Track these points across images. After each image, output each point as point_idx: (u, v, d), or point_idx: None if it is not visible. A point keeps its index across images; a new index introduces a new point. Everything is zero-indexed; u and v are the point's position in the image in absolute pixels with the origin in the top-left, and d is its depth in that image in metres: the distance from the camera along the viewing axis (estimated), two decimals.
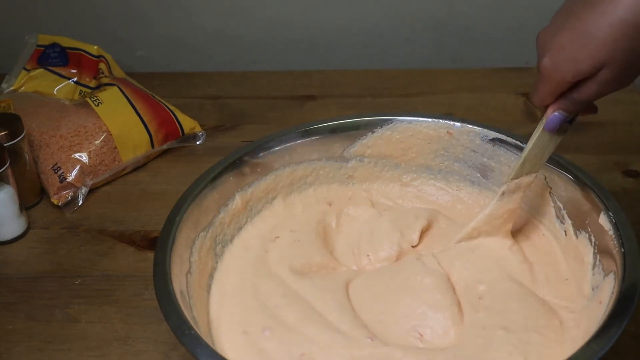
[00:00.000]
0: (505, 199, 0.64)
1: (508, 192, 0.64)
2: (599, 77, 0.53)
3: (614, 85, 0.54)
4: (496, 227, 0.66)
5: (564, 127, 0.59)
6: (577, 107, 0.57)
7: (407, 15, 1.10)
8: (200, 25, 1.13)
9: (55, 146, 0.86)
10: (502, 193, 0.64)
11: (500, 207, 0.65)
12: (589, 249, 0.61)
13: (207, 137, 0.96)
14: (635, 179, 0.84)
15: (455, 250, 0.66)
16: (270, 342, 0.58)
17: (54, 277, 0.75)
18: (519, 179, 0.63)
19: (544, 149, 0.62)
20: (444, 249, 0.67)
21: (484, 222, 0.65)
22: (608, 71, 0.52)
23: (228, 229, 0.69)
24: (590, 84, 0.54)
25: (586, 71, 0.53)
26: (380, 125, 0.73)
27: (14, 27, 1.13)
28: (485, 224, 0.65)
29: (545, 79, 0.55)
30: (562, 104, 0.57)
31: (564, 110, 0.57)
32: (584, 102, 0.56)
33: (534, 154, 0.62)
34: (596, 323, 0.52)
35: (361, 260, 0.68)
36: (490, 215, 0.65)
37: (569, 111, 0.58)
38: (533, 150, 0.62)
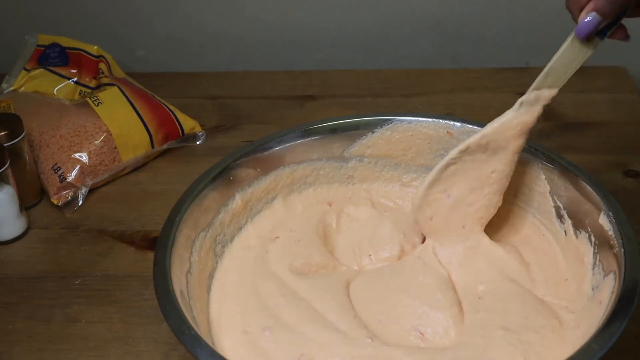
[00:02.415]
0: (522, 109, 0.62)
1: (527, 103, 0.61)
2: None
3: None
4: (506, 140, 0.63)
5: (595, 40, 0.57)
6: (611, 10, 0.54)
7: (407, 15, 1.10)
8: (200, 25, 1.13)
9: (55, 146, 0.86)
10: (520, 103, 0.62)
11: (516, 117, 0.62)
12: (589, 249, 0.61)
13: (207, 137, 0.96)
14: (635, 179, 0.84)
15: (455, 250, 0.66)
16: (270, 342, 0.58)
17: (54, 277, 0.75)
18: (540, 90, 0.61)
19: (571, 61, 0.59)
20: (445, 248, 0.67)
21: (496, 130, 0.62)
22: None
23: (228, 229, 0.69)
24: None
25: None
26: (380, 125, 0.73)
27: (14, 27, 1.13)
28: (496, 133, 0.62)
29: None
30: (597, 3, 0.54)
31: (599, 11, 0.54)
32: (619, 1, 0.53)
33: (560, 65, 0.60)
34: (596, 323, 0.52)
35: (362, 260, 0.68)
36: (504, 125, 0.62)
37: (603, 13, 0.54)
38: (560, 60, 0.59)
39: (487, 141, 0.63)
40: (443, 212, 0.66)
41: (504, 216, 0.71)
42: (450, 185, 0.65)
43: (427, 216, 0.66)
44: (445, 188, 0.65)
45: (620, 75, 1.04)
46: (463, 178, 0.64)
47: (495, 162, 0.64)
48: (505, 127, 0.62)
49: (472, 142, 0.63)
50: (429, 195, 0.65)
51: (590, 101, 0.99)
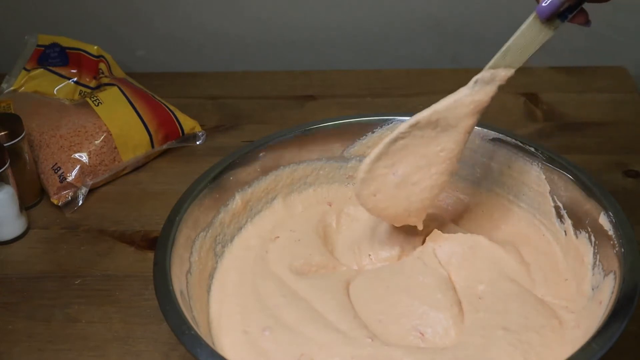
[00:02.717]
0: (476, 87, 0.60)
1: (481, 81, 0.60)
2: None
3: None
4: (457, 118, 0.60)
5: (556, 21, 0.56)
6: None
7: (407, 15, 1.10)
8: (200, 25, 1.13)
9: (55, 146, 0.86)
10: (475, 80, 0.60)
11: (470, 95, 0.60)
12: (589, 249, 0.61)
13: (207, 137, 0.96)
14: (635, 179, 0.84)
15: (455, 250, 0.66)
16: (270, 342, 0.58)
17: (54, 277, 0.75)
18: (496, 69, 0.60)
19: (531, 42, 0.58)
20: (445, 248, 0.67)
21: (448, 107, 0.60)
22: None
23: (228, 229, 0.69)
24: None
25: None
26: (380, 125, 0.73)
27: (14, 27, 1.13)
28: (448, 110, 0.60)
29: None
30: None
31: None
32: None
33: (519, 45, 0.58)
34: (596, 323, 0.52)
35: (362, 260, 0.68)
36: (457, 102, 0.60)
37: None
38: (519, 40, 0.58)
39: (437, 117, 0.61)
40: (388, 190, 0.63)
41: (504, 216, 0.71)
42: (398, 160, 0.62)
43: (371, 191, 0.63)
44: (392, 163, 0.62)
45: (620, 75, 1.04)
46: (411, 154, 0.62)
47: (444, 140, 0.62)
48: (458, 104, 0.60)
49: (422, 117, 0.61)
50: (374, 169, 0.62)
51: (590, 101, 0.99)
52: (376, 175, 0.62)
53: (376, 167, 0.62)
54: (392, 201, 0.63)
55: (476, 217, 0.72)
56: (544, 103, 1.00)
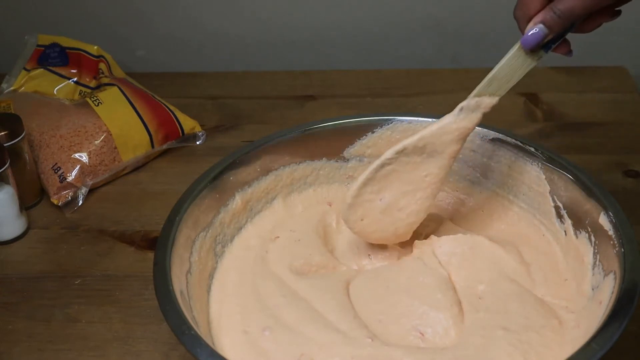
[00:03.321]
0: (461, 115, 0.61)
1: (467, 109, 0.61)
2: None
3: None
4: (443, 144, 0.62)
5: (540, 52, 0.58)
6: (559, 21, 0.55)
7: (407, 15, 1.10)
8: (200, 25, 1.13)
9: (55, 146, 0.86)
10: (460, 108, 0.61)
11: (455, 122, 0.61)
12: (589, 249, 0.61)
13: (207, 137, 0.96)
14: (635, 179, 0.84)
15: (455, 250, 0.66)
16: (270, 342, 0.58)
17: (54, 277, 0.75)
18: (481, 97, 0.61)
19: (515, 70, 0.60)
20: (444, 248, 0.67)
21: (434, 133, 0.62)
22: None
23: (228, 229, 0.69)
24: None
25: None
26: (380, 125, 0.73)
27: (14, 27, 1.13)
28: (434, 136, 0.62)
29: None
30: (545, 15, 0.55)
31: (546, 23, 0.55)
32: (567, 14, 0.54)
33: (503, 74, 0.60)
34: (596, 323, 0.52)
35: (362, 260, 0.68)
36: (442, 128, 0.61)
37: (550, 26, 0.55)
38: (503, 69, 0.59)
39: (424, 144, 0.62)
40: (374, 215, 0.65)
41: (504, 216, 0.71)
42: (384, 186, 0.64)
43: (358, 216, 0.65)
44: (378, 189, 0.64)
45: (620, 75, 1.04)
46: (397, 180, 0.63)
47: (430, 165, 0.63)
48: (444, 131, 0.62)
49: (408, 143, 0.62)
50: (361, 194, 0.64)
51: (590, 101, 0.99)
52: (363, 200, 0.64)
53: (363, 192, 0.64)
54: (378, 225, 0.65)
55: (476, 217, 0.72)
56: (544, 103, 1.00)
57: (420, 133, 0.62)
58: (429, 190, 0.64)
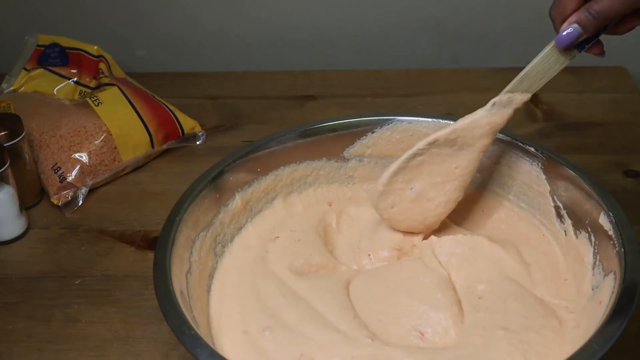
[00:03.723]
0: (494, 109, 0.63)
1: (499, 104, 0.63)
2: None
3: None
4: (474, 137, 0.64)
5: (573, 51, 0.59)
6: (593, 22, 0.55)
7: (407, 15, 1.10)
8: (200, 25, 1.13)
9: (55, 146, 0.86)
10: (493, 103, 0.63)
11: (487, 116, 0.63)
12: (589, 249, 0.61)
13: (207, 137, 0.96)
14: (635, 179, 0.84)
15: (455, 250, 0.66)
16: (270, 342, 0.58)
17: (54, 277, 0.75)
18: (513, 93, 0.63)
19: (548, 69, 0.61)
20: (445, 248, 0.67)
21: (466, 127, 0.64)
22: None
23: (228, 229, 0.69)
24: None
25: None
26: (380, 125, 0.73)
27: (14, 27, 1.13)
28: (465, 130, 0.64)
29: None
30: (580, 15, 0.56)
31: (581, 24, 0.56)
32: (602, 15, 0.55)
33: (537, 71, 0.61)
34: (596, 323, 0.52)
35: (362, 260, 0.68)
36: (474, 122, 0.63)
37: (585, 26, 0.56)
38: (536, 67, 0.61)
39: (455, 136, 0.64)
40: (404, 204, 0.66)
41: (504, 216, 0.72)
42: (415, 176, 0.65)
43: (389, 204, 0.66)
44: (409, 178, 0.65)
45: (620, 75, 1.04)
46: (427, 170, 0.65)
47: (460, 158, 0.65)
48: (475, 124, 0.63)
49: (441, 135, 0.64)
50: (392, 183, 0.65)
51: (590, 101, 0.99)
52: (394, 189, 0.66)
53: (394, 181, 0.65)
54: (408, 214, 0.66)
55: (476, 217, 0.72)
56: (544, 103, 1.00)
57: (453, 126, 0.64)
58: (458, 182, 0.66)
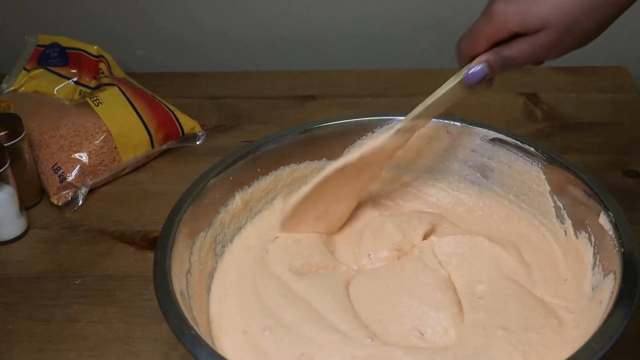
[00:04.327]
0: (398, 135, 0.66)
1: (403, 130, 0.66)
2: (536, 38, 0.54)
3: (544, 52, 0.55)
4: (377, 160, 0.67)
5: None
6: (501, 65, 0.58)
7: (407, 15, 1.10)
8: (200, 25, 1.13)
9: (55, 146, 0.86)
10: (397, 130, 0.65)
11: (392, 142, 0.66)
12: (589, 249, 0.61)
13: (207, 137, 0.96)
14: (635, 179, 0.84)
15: (455, 250, 0.66)
16: (270, 342, 0.58)
17: (54, 277, 0.75)
18: (417, 120, 0.66)
19: (451, 99, 0.63)
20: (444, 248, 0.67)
21: (373, 152, 0.66)
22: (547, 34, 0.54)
23: (228, 229, 0.69)
24: (523, 42, 0.55)
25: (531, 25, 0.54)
26: (380, 125, 0.73)
27: (14, 27, 1.13)
28: (372, 155, 0.66)
29: (489, 21, 0.57)
30: (490, 56, 0.58)
31: (490, 64, 0.58)
32: (510, 61, 0.57)
33: (441, 102, 0.64)
34: (596, 323, 0.52)
35: (362, 260, 0.68)
36: (380, 147, 0.66)
37: (493, 68, 0.58)
38: (442, 98, 0.63)
39: (362, 163, 0.66)
40: (309, 220, 0.69)
41: (504, 216, 0.71)
42: (320, 197, 0.68)
43: (295, 222, 0.69)
44: (315, 200, 0.68)
45: (620, 75, 1.04)
46: (332, 191, 0.68)
47: (362, 177, 0.69)
48: (381, 149, 0.66)
49: (349, 161, 0.66)
50: (300, 206, 0.68)
51: (590, 101, 0.99)
52: (300, 210, 0.68)
53: (302, 204, 0.68)
54: (311, 227, 0.69)
55: (476, 217, 0.72)
56: (544, 103, 1.00)
57: (360, 152, 0.66)
58: (355, 195, 0.71)
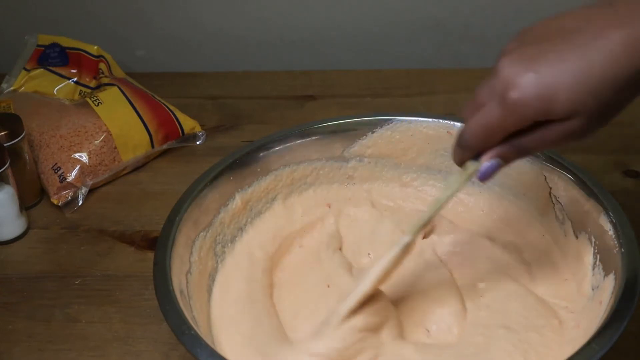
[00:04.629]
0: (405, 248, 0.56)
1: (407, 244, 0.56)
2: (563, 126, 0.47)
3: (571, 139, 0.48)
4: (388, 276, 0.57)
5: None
6: (518, 156, 0.50)
7: (407, 15, 1.10)
8: (200, 25, 1.13)
9: (55, 146, 0.86)
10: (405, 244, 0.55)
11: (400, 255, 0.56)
12: (589, 249, 0.61)
13: (207, 137, 0.96)
14: (635, 179, 0.84)
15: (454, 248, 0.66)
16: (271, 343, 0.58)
17: (54, 277, 0.75)
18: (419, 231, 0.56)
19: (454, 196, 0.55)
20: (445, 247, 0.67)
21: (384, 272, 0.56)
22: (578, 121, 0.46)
23: (228, 229, 0.69)
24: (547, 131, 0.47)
25: (559, 114, 0.46)
26: (380, 125, 0.73)
27: (14, 27, 1.13)
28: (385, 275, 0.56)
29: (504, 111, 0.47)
30: (505, 149, 0.49)
31: (505, 157, 0.50)
32: (530, 151, 0.49)
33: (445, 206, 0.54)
34: (596, 323, 0.52)
35: (361, 259, 0.68)
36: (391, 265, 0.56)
37: (508, 159, 0.50)
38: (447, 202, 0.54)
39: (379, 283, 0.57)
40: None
41: (504, 216, 0.71)
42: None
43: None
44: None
45: None
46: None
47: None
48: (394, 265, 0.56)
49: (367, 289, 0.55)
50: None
51: None
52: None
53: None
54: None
55: (476, 217, 0.72)
56: None
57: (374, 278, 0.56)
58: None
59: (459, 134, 0.51)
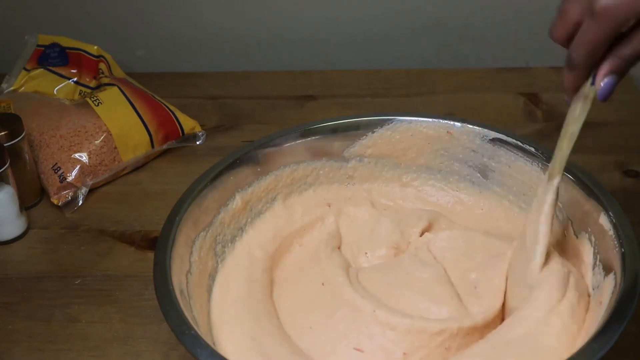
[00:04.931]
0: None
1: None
2: None
3: None
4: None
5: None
6: (627, 67, 0.51)
7: (407, 15, 1.10)
8: (200, 25, 1.13)
9: (55, 146, 0.86)
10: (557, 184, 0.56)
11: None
12: (589, 249, 0.61)
13: (207, 137, 0.96)
14: (635, 179, 0.84)
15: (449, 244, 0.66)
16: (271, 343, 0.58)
17: (54, 277, 0.75)
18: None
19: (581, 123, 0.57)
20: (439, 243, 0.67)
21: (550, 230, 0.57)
22: None
23: (228, 229, 0.69)
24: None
25: None
26: (380, 125, 0.73)
27: (14, 27, 1.13)
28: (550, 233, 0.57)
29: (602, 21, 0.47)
30: (613, 62, 0.51)
31: (617, 70, 0.51)
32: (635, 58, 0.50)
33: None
34: (596, 323, 0.52)
35: (359, 258, 0.68)
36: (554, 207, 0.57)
37: (621, 72, 0.51)
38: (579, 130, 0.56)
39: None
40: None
41: (504, 216, 0.71)
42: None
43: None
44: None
45: None
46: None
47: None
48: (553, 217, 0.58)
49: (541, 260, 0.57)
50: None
51: None
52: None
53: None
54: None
55: (476, 217, 0.72)
56: (544, 103, 1.00)
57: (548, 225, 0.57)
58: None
59: (566, 60, 0.53)
